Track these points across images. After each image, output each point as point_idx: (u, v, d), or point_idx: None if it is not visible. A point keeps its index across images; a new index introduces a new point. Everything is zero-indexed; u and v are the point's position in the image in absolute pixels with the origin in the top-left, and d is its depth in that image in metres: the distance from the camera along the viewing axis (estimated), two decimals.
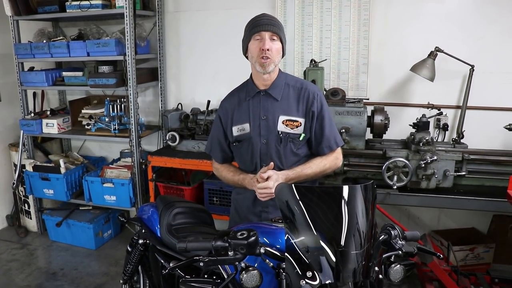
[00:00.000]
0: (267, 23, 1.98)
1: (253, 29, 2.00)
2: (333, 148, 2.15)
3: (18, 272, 3.68)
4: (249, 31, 2.02)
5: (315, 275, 1.34)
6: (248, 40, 2.03)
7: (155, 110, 4.32)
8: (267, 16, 2.04)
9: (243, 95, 2.16)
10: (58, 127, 4.09)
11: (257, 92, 2.11)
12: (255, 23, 2.01)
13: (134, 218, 2.58)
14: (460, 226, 3.66)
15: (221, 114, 2.21)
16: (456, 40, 3.32)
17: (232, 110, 2.16)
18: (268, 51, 1.97)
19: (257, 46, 1.99)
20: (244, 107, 2.14)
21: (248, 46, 2.04)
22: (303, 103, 2.09)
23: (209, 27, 3.97)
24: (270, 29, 1.97)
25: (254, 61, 2.03)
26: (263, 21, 1.99)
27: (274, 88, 2.09)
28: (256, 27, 1.99)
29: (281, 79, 2.11)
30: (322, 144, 2.13)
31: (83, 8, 3.74)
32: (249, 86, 2.15)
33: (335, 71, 3.66)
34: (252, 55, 2.03)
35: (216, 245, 1.43)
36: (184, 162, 3.58)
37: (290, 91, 2.11)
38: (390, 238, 1.53)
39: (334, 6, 3.55)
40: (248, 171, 2.17)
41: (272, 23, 1.99)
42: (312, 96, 2.09)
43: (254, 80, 2.13)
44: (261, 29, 1.97)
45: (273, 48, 1.99)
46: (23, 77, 4.07)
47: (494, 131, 3.27)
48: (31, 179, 4.12)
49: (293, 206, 1.45)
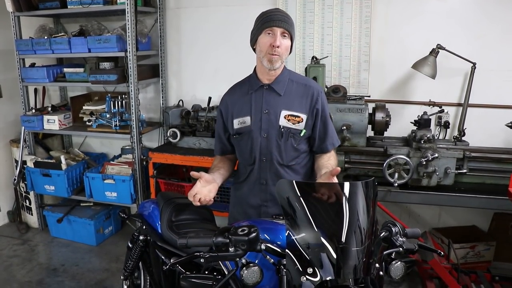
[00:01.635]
0: (280, 19, 1.95)
1: (266, 23, 1.96)
2: (336, 145, 2.18)
3: (19, 268, 3.69)
4: (261, 24, 1.98)
5: (315, 272, 1.34)
6: (259, 33, 1.99)
7: (156, 107, 4.32)
8: (281, 12, 2.01)
9: (245, 88, 2.15)
10: (59, 123, 4.09)
11: (260, 86, 2.10)
12: (269, 17, 1.97)
13: (135, 215, 2.58)
14: (460, 224, 3.66)
15: (222, 107, 2.21)
16: (457, 38, 3.31)
17: (233, 103, 2.16)
18: (278, 48, 1.95)
19: (268, 41, 1.96)
20: (246, 100, 2.12)
21: (258, 39, 2.01)
22: (307, 100, 2.08)
23: (210, 24, 3.96)
24: (283, 26, 1.95)
25: (262, 55, 2.00)
26: (277, 16, 1.96)
27: (277, 83, 2.08)
28: (269, 21, 1.95)
29: (285, 75, 2.11)
30: (326, 142, 2.14)
31: (84, 4, 3.74)
32: (252, 80, 2.14)
33: (337, 68, 3.65)
34: (261, 49, 2.00)
35: (217, 241, 1.43)
36: (185, 159, 3.58)
37: (294, 86, 2.10)
38: (390, 235, 1.54)
39: (335, 3, 3.54)
40: (247, 165, 2.17)
41: (286, 20, 1.97)
42: (316, 94, 2.09)
43: (258, 74, 2.12)
44: (274, 25, 1.94)
45: (283, 45, 1.97)
46: (24, 73, 4.07)
47: (496, 129, 3.27)
48: (32, 175, 4.12)
49: (294, 202, 1.45)
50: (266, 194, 2.13)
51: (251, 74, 2.17)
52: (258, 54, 2.04)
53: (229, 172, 2.25)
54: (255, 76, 2.13)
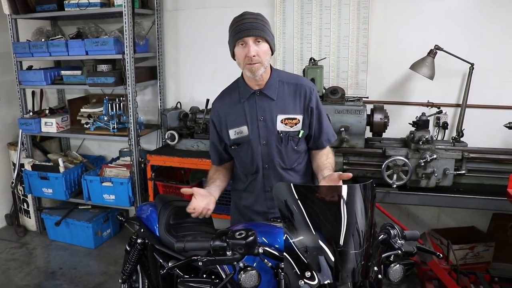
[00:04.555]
0: (249, 27, 1.88)
1: (236, 35, 1.90)
2: (331, 141, 2.15)
3: (17, 272, 3.68)
4: (232, 37, 1.94)
5: (313, 275, 1.34)
6: (233, 45, 1.95)
7: (154, 109, 4.31)
8: (248, 17, 1.92)
9: (236, 96, 2.09)
10: (57, 126, 4.08)
11: (252, 93, 2.05)
12: (237, 28, 1.90)
13: (133, 218, 2.57)
14: (459, 224, 3.65)
15: (214, 117, 2.15)
16: (455, 38, 3.31)
17: (225, 112, 2.10)
18: (254, 57, 1.89)
19: (242, 53, 1.91)
20: (239, 109, 2.07)
21: (234, 52, 1.96)
22: (300, 99, 2.04)
23: (207, 26, 3.95)
24: (252, 34, 1.88)
25: (242, 67, 1.97)
26: (245, 25, 1.89)
27: (268, 88, 2.03)
28: (238, 33, 1.89)
29: (274, 77, 2.05)
30: (321, 138, 2.11)
31: (82, 6, 3.73)
32: (242, 87, 2.07)
33: (335, 70, 3.64)
34: (239, 62, 1.97)
35: (214, 245, 1.42)
36: (183, 161, 3.57)
37: (285, 88, 2.05)
38: (389, 237, 1.53)
39: (333, 4, 3.53)
40: (249, 174, 2.13)
41: (255, 26, 1.89)
42: (309, 92, 2.05)
43: (247, 81, 2.06)
44: (243, 35, 1.88)
45: (260, 52, 1.90)
46: (21, 76, 4.06)
47: (494, 129, 3.26)
48: (30, 178, 4.11)
49: (291, 205, 1.44)
50: (272, 201, 2.08)
51: (239, 80, 2.11)
52: (238, 65, 2.01)
53: (226, 181, 2.20)
54: (244, 83, 2.07)
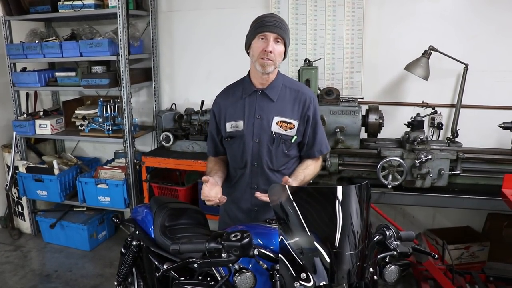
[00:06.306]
0: (274, 25, 1.95)
1: (259, 28, 1.97)
2: (323, 152, 2.20)
3: (12, 275, 3.65)
4: (254, 29, 1.99)
5: (309, 277, 1.33)
6: (253, 38, 2.01)
7: (149, 111, 4.29)
8: (276, 17, 2.01)
9: (239, 92, 2.15)
10: (51, 128, 4.06)
11: (254, 91, 2.11)
12: (262, 22, 1.98)
13: (128, 220, 2.56)
14: (455, 224, 3.67)
15: (215, 109, 2.21)
16: (450, 39, 3.32)
17: (226, 106, 2.16)
18: (270, 53, 1.96)
19: (260, 46, 1.97)
20: (239, 105, 2.13)
21: (251, 44, 2.02)
22: (299, 106, 2.09)
23: (202, 27, 3.95)
24: (276, 31, 1.95)
25: (254, 60, 2.02)
26: (271, 22, 1.97)
27: (271, 89, 2.09)
28: (262, 26, 1.96)
29: (279, 80, 2.11)
30: (314, 148, 2.16)
31: (76, 8, 3.71)
32: (246, 84, 2.14)
33: (329, 70, 3.65)
34: (253, 54, 2.02)
35: (210, 247, 1.41)
36: (178, 163, 3.56)
37: (287, 92, 2.11)
38: (385, 238, 1.53)
39: (328, 5, 3.54)
40: (238, 169, 2.18)
41: (279, 26, 1.97)
42: (308, 101, 2.10)
43: (252, 78, 2.12)
44: (267, 30, 1.95)
45: (276, 51, 1.97)
46: (15, 78, 4.04)
47: (488, 129, 3.27)
48: (24, 181, 4.09)
49: (286, 207, 1.44)
50: (257, 198, 2.11)
51: (245, 77, 2.17)
52: (251, 58, 2.06)
53: (225, 173, 2.25)
54: (249, 80, 2.13)
